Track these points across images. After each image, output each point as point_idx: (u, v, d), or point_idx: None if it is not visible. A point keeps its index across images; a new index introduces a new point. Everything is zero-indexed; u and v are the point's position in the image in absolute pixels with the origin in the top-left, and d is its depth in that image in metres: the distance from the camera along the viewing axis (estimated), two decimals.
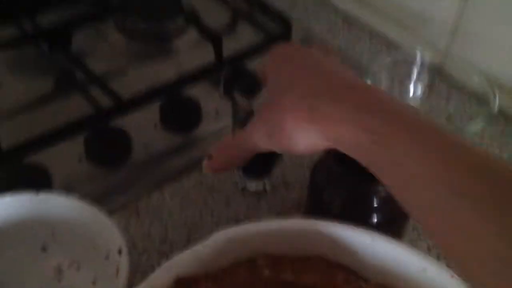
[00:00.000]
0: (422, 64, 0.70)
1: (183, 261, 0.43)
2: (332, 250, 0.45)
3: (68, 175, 0.63)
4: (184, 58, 0.80)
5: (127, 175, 0.64)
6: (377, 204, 0.50)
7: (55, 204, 0.53)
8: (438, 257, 0.51)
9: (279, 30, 0.82)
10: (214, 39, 0.75)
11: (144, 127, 0.68)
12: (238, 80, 0.74)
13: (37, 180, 0.62)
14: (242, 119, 0.55)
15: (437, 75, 0.73)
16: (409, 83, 0.71)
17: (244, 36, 0.83)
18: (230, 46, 0.75)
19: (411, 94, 0.71)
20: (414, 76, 0.71)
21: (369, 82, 0.64)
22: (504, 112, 0.71)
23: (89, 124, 0.65)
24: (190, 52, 0.81)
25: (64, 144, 0.63)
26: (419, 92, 0.72)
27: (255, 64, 0.74)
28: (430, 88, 0.73)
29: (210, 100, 0.72)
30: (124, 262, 0.49)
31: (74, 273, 0.56)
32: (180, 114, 0.71)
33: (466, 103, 0.71)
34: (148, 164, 0.66)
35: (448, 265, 0.42)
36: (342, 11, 0.89)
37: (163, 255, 0.57)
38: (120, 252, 0.50)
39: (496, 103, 0.61)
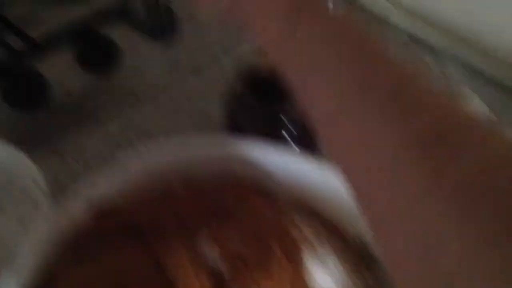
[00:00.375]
0: None
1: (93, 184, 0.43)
2: (240, 165, 0.46)
3: None
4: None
5: (47, 117, 0.64)
6: (287, 122, 0.52)
7: None
8: None
9: None
10: None
11: (61, 69, 0.67)
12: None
13: None
14: None
15: None
16: None
17: None
18: None
19: None
20: None
21: None
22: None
23: (4, 68, 0.64)
24: None
25: None
26: None
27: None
28: None
29: (127, 40, 0.71)
30: (42, 192, 0.49)
31: None
32: (97, 54, 0.70)
33: None
34: (68, 106, 0.65)
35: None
36: None
37: None
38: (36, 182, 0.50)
39: None
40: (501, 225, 0.23)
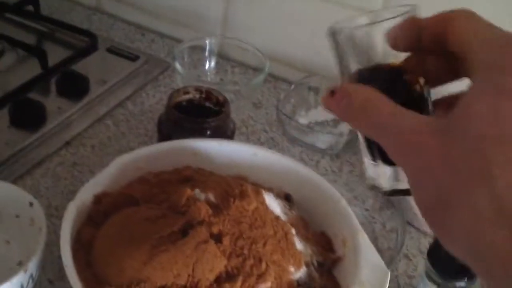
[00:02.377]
0: (209, 50, 0.95)
1: (95, 182, 0.59)
2: (195, 161, 0.65)
3: None
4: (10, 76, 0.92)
5: None
6: (210, 130, 0.72)
7: None
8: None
9: (85, 43, 0.99)
10: (39, 53, 0.90)
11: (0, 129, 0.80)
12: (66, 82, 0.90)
13: None
14: None
15: (219, 57, 0.98)
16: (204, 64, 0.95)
17: (54, 55, 0.95)
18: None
19: (206, 70, 0.96)
20: (206, 58, 0.96)
21: (177, 64, 0.86)
22: (272, 74, 0.99)
23: None
24: (13, 71, 0.93)
25: None
26: (210, 69, 0.97)
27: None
28: (217, 66, 0.98)
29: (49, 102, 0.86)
30: (38, 210, 0.63)
31: None
32: (28, 115, 0.83)
33: (244, 72, 0.97)
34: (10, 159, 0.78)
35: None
36: (132, 21, 1.10)
37: None
38: (31, 204, 0.64)
39: (267, 67, 0.88)
40: None
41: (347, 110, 0.31)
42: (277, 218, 0.57)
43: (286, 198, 0.65)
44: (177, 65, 0.87)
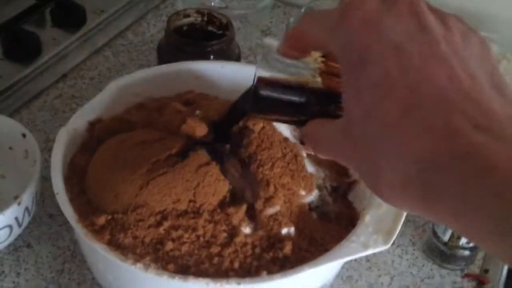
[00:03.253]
0: None
1: (88, 108, 0.55)
2: (197, 85, 0.61)
3: None
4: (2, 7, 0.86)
5: None
6: (213, 54, 0.67)
7: None
8: None
9: None
10: None
11: None
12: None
13: None
14: None
15: None
16: None
17: None
18: None
19: None
20: None
21: None
22: None
23: None
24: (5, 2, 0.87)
25: None
26: None
27: None
28: None
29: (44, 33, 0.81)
30: (31, 141, 0.59)
31: None
32: (22, 47, 0.79)
33: None
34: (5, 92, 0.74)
35: None
36: None
37: None
38: (24, 136, 0.60)
39: None
40: None
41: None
42: (286, 139, 0.53)
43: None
44: None
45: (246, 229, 0.46)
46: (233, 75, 0.61)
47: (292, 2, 0.94)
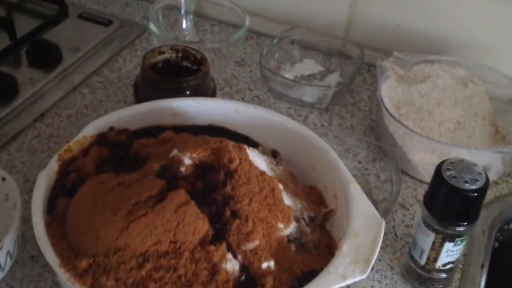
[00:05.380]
0: (186, 9, 0.91)
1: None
2: (171, 119, 0.62)
3: None
4: None
5: None
6: (188, 90, 0.69)
7: None
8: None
9: (55, 11, 0.94)
10: (6, 23, 0.85)
11: None
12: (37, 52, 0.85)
13: None
14: None
15: (197, 16, 0.94)
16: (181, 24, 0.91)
17: (24, 26, 0.90)
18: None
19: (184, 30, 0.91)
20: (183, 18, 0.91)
21: (152, 25, 0.82)
22: (254, 30, 0.94)
23: None
24: None
25: None
26: (188, 29, 0.93)
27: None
28: (195, 25, 0.94)
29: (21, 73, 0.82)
30: (11, 184, 0.59)
31: None
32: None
33: (225, 30, 0.93)
34: None
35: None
36: None
37: None
38: (4, 179, 0.60)
39: (247, 22, 0.84)
40: None
41: None
42: (262, 174, 0.54)
43: (273, 154, 0.62)
44: (152, 26, 0.82)
45: (227, 266, 0.47)
46: (209, 110, 0.63)
47: (264, 32, 0.96)
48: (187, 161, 0.51)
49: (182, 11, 0.91)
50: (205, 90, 0.71)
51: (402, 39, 0.87)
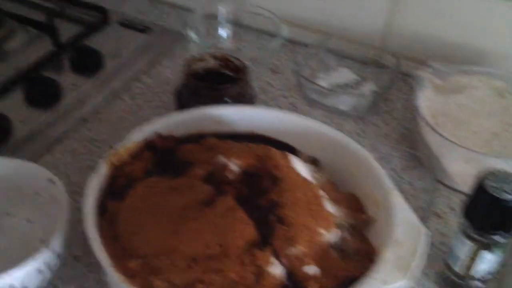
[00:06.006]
0: (223, 17, 0.93)
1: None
2: (214, 126, 0.63)
3: None
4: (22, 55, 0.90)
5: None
6: (230, 97, 0.70)
7: None
8: None
9: (97, 18, 0.97)
10: (50, 30, 0.88)
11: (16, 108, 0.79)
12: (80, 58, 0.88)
13: None
14: None
15: (234, 24, 0.96)
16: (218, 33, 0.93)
17: (65, 32, 0.92)
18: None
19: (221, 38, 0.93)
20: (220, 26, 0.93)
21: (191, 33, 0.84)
22: (289, 38, 0.96)
23: None
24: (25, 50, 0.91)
25: None
26: (225, 37, 0.94)
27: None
28: (231, 34, 0.95)
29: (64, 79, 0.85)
30: (59, 186, 0.61)
31: (7, 220, 0.65)
32: (43, 93, 0.82)
33: (260, 38, 0.95)
34: (28, 137, 0.76)
35: None
36: None
37: None
38: (51, 181, 0.62)
39: (283, 31, 0.85)
40: None
41: None
42: (305, 180, 0.55)
43: (313, 163, 0.63)
44: (191, 34, 0.84)
45: (273, 270, 0.48)
46: (252, 118, 0.64)
47: (299, 40, 0.97)
48: (233, 167, 0.53)
49: (220, 20, 0.93)
50: (246, 97, 0.73)
51: (438, 49, 0.88)
